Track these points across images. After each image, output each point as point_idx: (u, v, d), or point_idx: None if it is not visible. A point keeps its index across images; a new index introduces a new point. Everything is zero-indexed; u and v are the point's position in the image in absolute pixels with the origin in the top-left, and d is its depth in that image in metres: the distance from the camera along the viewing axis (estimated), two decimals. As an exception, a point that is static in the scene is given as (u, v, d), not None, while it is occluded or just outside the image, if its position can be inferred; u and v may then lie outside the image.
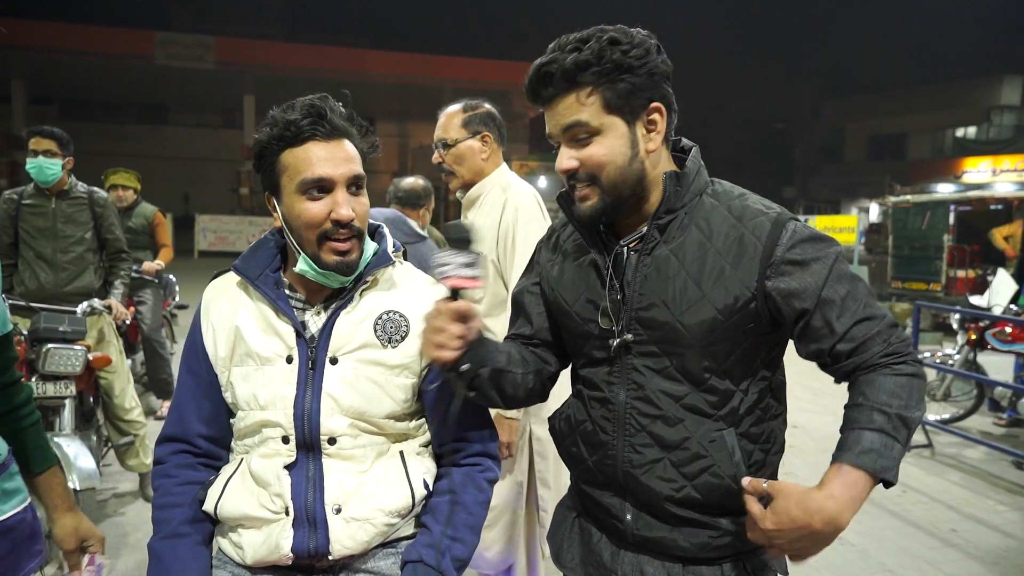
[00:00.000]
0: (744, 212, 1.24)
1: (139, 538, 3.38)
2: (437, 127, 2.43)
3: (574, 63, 1.16)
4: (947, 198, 10.63)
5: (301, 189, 1.29)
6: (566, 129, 1.21)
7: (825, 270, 1.19)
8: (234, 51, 22.86)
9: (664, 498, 1.25)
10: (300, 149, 1.29)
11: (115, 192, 5.04)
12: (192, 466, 1.42)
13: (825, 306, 1.18)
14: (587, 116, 1.18)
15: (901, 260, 10.70)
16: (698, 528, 1.27)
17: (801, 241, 1.20)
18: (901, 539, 3.65)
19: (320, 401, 1.32)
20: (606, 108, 1.18)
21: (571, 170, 1.23)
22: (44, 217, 3.58)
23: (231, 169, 24.61)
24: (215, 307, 1.41)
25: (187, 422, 1.41)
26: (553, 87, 1.20)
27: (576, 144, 1.21)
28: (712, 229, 1.23)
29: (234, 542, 1.36)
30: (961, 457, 4.96)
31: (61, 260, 3.59)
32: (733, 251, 1.21)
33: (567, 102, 1.19)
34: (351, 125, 1.35)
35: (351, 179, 1.31)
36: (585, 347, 1.34)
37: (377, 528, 1.34)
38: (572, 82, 1.18)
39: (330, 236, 1.29)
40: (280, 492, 1.31)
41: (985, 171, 25.63)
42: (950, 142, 30.35)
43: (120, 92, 26.78)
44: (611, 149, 1.20)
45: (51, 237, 3.59)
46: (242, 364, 1.36)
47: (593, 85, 1.17)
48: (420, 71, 24.15)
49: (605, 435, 1.30)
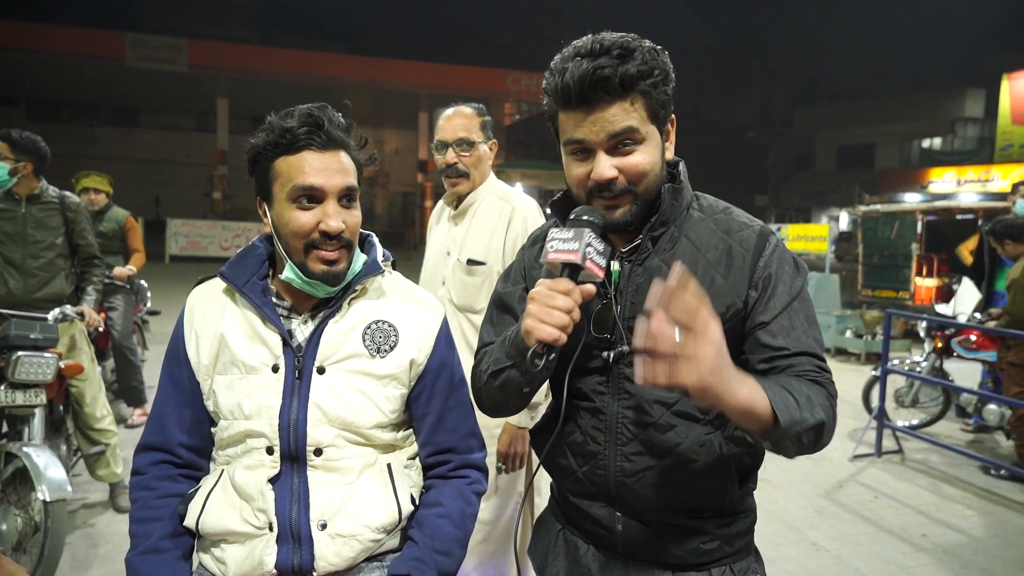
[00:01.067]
0: (731, 225, 1.28)
1: (109, 549, 3.31)
2: (451, 127, 2.30)
3: (637, 72, 1.14)
4: (915, 207, 10.86)
5: (292, 197, 1.28)
6: (613, 136, 1.17)
7: (789, 298, 1.22)
8: (208, 54, 22.60)
9: (656, 505, 1.26)
10: (294, 157, 1.28)
11: (86, 195, 4.93)
12: (173, 477, 1.39)
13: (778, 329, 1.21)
14: (636, 123, 1.17)
15: (871, 268, 10.90)
16: (689, 534, 1.28)
17: (779, 259, 1.24)
18: (873, 544, 3.71)
19: (307, 411, 1.30)
20: (650, 117, 1.18)
21: (612, 179, 1.19)
22: (13, 222, 3.49)
23: (203, 173, 24.30)
24: (199, 313, 1.39)
25: (168, 431, 1.38)
26: (607, 92, 1.15)
27: (618, 152, 1.19)
28: (701, 241, 1.26)
29: (216, 557, 1.33)
30: (930, 463, 5.06)
31: (31, 266, 3.50)
32: (723, 262, 1.24)
33: (617, 108, 1.16)
34: (348, 136, 1.33)
35: (343, 191, 1.30)
36: (575, 356, 1.32)
37: (363, 544, 1.32)
38: (629, 89, 1.15)
39: (317, 246, 1.28)
40: (264, 507, 1.29)
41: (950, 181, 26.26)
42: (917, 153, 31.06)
43: (90, 93, 26.32)
44: (652, 158, 1.20)
45: (20, 242, 3.50)
46: (226, 372, 1.34)
47: (644, 94, 1.16)
48: (396, 76, 24.10)
49: (596, 445, 1.30)
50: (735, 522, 1.32)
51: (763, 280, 1.23)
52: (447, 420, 1.43)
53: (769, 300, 1.23)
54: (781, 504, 4.19)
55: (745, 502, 1.35)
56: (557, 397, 1.43)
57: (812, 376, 1.18)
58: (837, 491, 4.48)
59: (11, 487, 2.90)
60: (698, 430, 1.25)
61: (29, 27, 20.71)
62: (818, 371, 1.20)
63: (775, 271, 1.24)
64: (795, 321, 1.22)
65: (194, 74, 22.57)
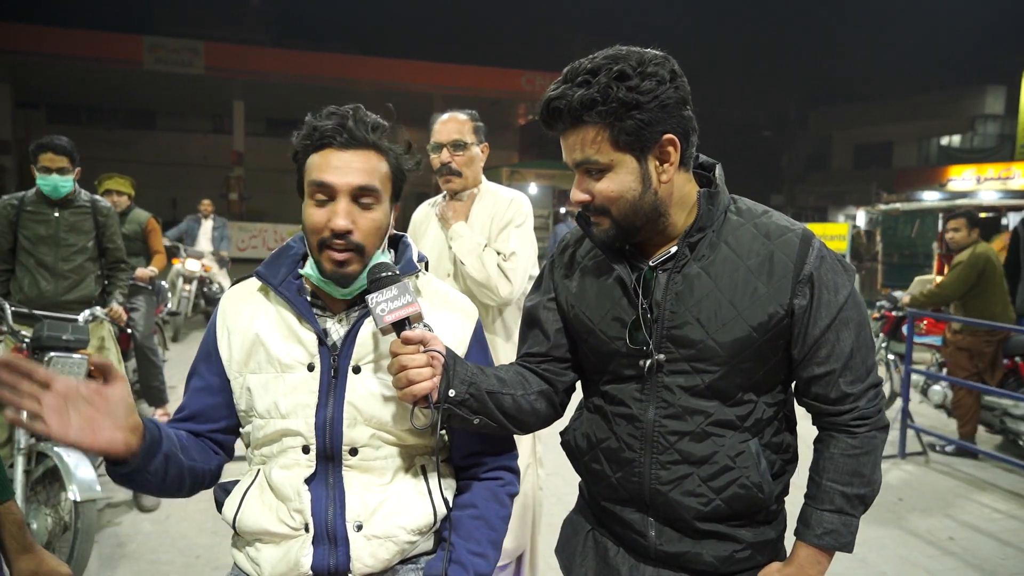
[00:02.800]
0: (771, 229, 1.25)
1: (134, 548, 3.34)
2: (446, 130, 2.49)
3: (579, 102, 1.14)
4: (936, 206, 10.74)
5: (309, 193, 1.29)
6: (576, 164, 1.22)
7: (837, 308, 1.23)
8: (223, 56, 22.74)
9: (692, 514, 1.25)
10: (318, 154, 1.29)
11: (109, 197, 5.00)
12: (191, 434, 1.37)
13: (825, 345, 1.24)
14: (595, 154, 1.18)
15: (891, 267, 10.79)
16: (723, 541, 1.27)
17: (824, 262, 1.24)
18: (899, 548, 3.67)
19: (343, 410, 1.30)
20: (614, 145, 1.17)
21: (583, 202, 1.24)
22: (47, 225, 3.56)
23: (220, 175, 24.43)
24: (233, 312, 1.39)
25: (196, 419, 1.39)
26: (562, 122, 1.19)
27: (588, 177, 1.22)
28: (742, 247, 1.24)
29: (251, 557, 1.34)
30: (954, 464, 4.99)
31: (63, 268, 3.57)
32: (765, 269, 1.22)
33: (578, 136, 1.19)
34: (380, 137, 1.32)
35: (354, 189, 1.27)
36: (611, 365, 1.33)
37: (398, 546, 1.32)
38: (579, 120, 1.17)
39: (328, 245, 1.28)
40: (300, 508, 1.29)
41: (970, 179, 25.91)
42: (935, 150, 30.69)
43: (108, 97, 26.55)
44: (621, 185, 1.19)
45: (53, 245, 3.57)
46: (260, 371, 1.34)
47: (600, 122, 1.15)
48: (408, 77, 24.13)
49: (632, 452, 1.29)
50: (768, 530, 1.32)
51: (808, 288, 1.22)
52: None
53: (815, 312, 1.23)
54: (804, 506, 4.15)
55: (778, 510, 1.35)
56: (587, 400, 1.42)
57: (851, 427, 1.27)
58: (861, 493, 4.42)
59: (40, 486, 2.93)
60: (735, 437, 1.25)
61: (48, 31, 20.94)
62: (859, 410, 1.26)
63: (819, 278, 1.22)
64: (841, 335, 1.24)
65: (210, 76, 22.72)
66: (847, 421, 1.26)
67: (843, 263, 1.26)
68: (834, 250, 1.28)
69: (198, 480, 1.33)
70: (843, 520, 1.25)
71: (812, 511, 1.27)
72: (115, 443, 1.10)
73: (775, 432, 1.30)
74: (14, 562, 1.34)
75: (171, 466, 1.24)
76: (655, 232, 1.26)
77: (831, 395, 1.26)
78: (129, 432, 1.12)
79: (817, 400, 1.28)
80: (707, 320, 1.22)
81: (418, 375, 1.20)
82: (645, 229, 1.25)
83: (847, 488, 1.24)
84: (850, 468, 1.25)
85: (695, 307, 1.22)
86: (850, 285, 1.25)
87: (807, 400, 1.30)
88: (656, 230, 1.26)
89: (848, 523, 1.25)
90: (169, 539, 3.44)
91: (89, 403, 1.08)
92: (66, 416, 1.05)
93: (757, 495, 1.25)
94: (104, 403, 1.09)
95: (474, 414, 1.28)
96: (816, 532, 1.25)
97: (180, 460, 1.26)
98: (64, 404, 1.05)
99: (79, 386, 1.08)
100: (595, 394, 1.39)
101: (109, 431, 1.09)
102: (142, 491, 1.27)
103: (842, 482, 1.24)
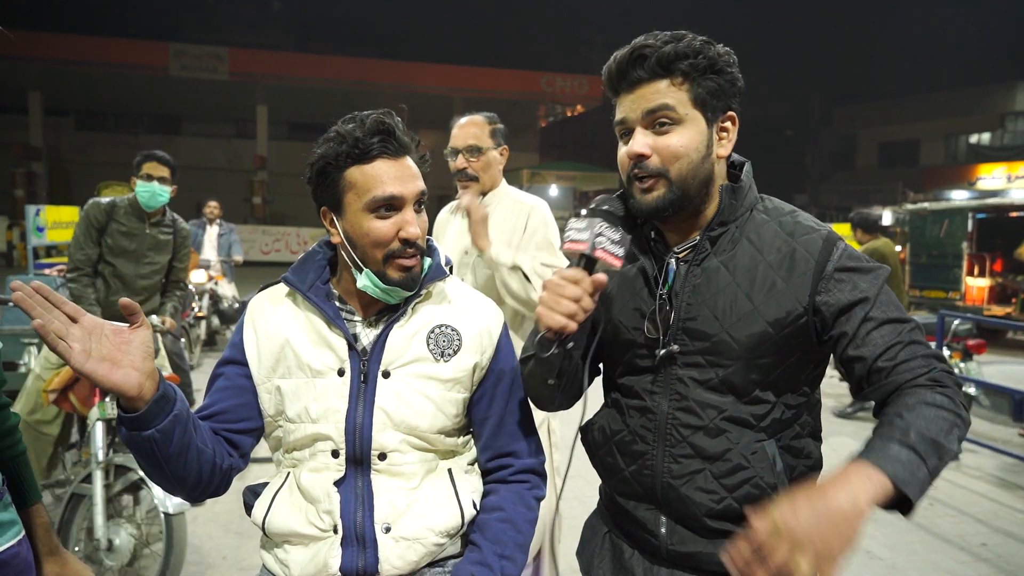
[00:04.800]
0: (796, 228, 1.24)
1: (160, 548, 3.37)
2: (463, 134, 2.49)
3: (673, 51, 1.17)
4: (965, 205, 10.54)
5: (370, 207, 1.28)
6: (648, 112, 1.19)
7: (875, 288, 1.18)
8: (247, 61, 23.04)
9: (703, 511, 1.24)
10: (368, 166, 1.28)
11: None
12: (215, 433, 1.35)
13: (870, 321, 1.16)
14: (675, 102, 1.18)
15: (919, 268, 10.61)
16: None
17: (851, 258, 1.20)
18: (930, 553, 3.59)
19: (372, 415, 1.31)
20: (693, 101, 1.19)
21: (642, 156, 1.20)
22: (134, 240, 3.58)
23: (243, 179, 24.74)
24: (260, 317, 1.40)
25: (216, 416, 1.37)
26: (645, 70, 1.18)
27: (654, 131, 1.20)
28: (764, 243, 1.23)
29: (279, 559, 1.35)
30: (986, 468, 4.89)
31: (139, 284, 3.60)
32: (785, 265, 1.20)
33: (656, 87, 1.19)
34: (412, 141, 1.34)
35: (418, 196, 1.31)
36: (627, 355, 1.33)
37: (426, 548, 1.32)
38: (667, 69, 1.18)
39: (397, 255, 1.29)
40: (330, 509, 1.30)
41: (999, 178, 25.42)
42: (964, 149, 30.15)
43: (135, 103, 27.01)
44: (690, 141, 1.19)
45: (134, 261, 3.59)
46: (291, 376, 1.35)
47: (685, 76, 1.18)
48: (428, 80, 24.26)
49: (644, 444, 1.29)
50: None
51: (836, 282, 1.19)
52: (507, 424, 1.43)
53: (854, 300, 1.17)
54: (831, 510, 4.08)
55: None
56: (606, 394, 1.42)
57: (924, 377, 1.11)
58: (890, 498, 4.34)
59: (117, 500, 2.87)
60: (750, 436, 1.22)
61: (77, 40, 21.39)
62: (928, 369, 1.11)
63: (848, 273, 1.19)
64: (887, 312, 1.16)
65: (234, 81, 23.03)
66: (919, 379, 1.11)
67: (869, 264, 1.22)
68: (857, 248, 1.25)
69: (205, 469, 1.26)
70: (911, 457, 1.01)
71: (876, 440, 1.06)
72: (130, 381, 1.11)
73: (795, 436, 1.26)
74: (42, 564, 1.35)
75: (181, 434, 1.19)
76: (690, 217, 1.25)
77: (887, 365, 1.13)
78: (145, 376, 1.13)
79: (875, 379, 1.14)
80: (723, 314, 1.21)
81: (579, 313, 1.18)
82: (693, 203, 1.23)
83: (923, 430, 1.04)
84: (927, 416, 1.05)
85: (711, 300, 1.22)
86: (877, 285, 1.20)
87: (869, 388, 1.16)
88: (695, 213, 1.25)
89: (916, 465, 1.01)
90: (196, 540, 3.47)
91: (111, 341, 1.11)
92: (88, 348, 1.09)
93: (771, 498, 1.20)
94: (126, 343, 1.12)
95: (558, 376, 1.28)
96: (878, 454, 1.02)
97: (191, 435, 1.22)
98: (88, 337, 1.09)
99: (104, 324, 1.12)
100: (613, 388, 1.40)
101: (126, 368, 1.11)
102: (149, 458, 1.20)
103: (915, 425, 1.04)
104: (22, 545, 1.28)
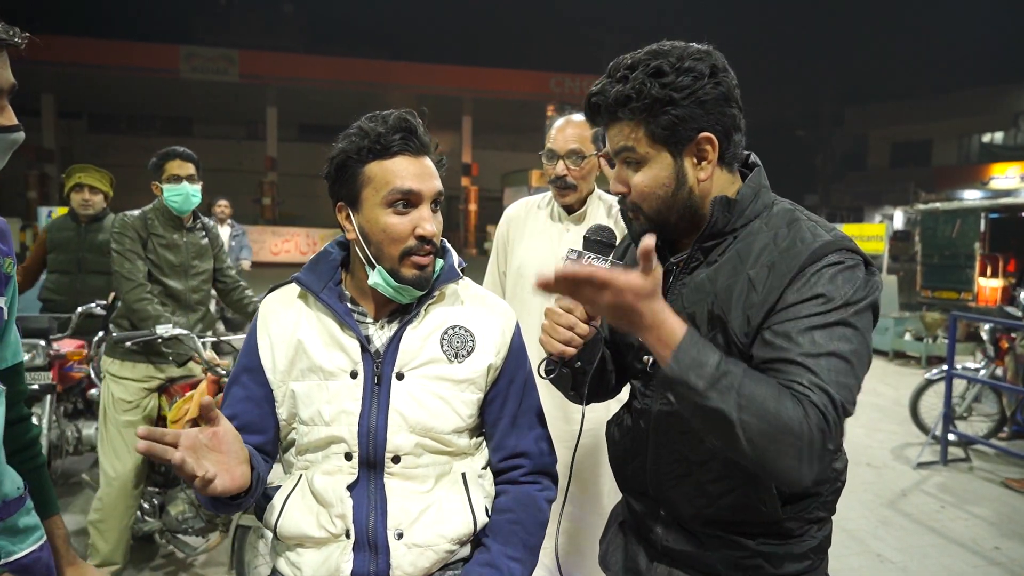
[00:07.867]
0: (791, 241, 1.16)
1: (171, 549, 3.38)
2: (563, 137, 2.28)
3: (614, 98, 1.17)
4: (978, 205, 10.45)
5: (388, 201, 1.27)
6: (616, 153, 1.23)
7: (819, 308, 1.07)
8: (257, 64, 23.18)
9: (691, 515, 1.26)
10: (389, 162, 1.28)
11: (79, 195, 4.05)
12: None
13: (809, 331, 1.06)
14: (633, 143, 1.19)
15: (931, 268, 10.53)
16: (727, 546, 1.25)
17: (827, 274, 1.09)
18: (943, 557, 3.56)
19: (387, 417, 1.30)
20: (650, 139, 1.18)
21: (620, 194, 1.25)
22: (175, 251, 3.06)
23: (254, 180, 24.88)
24: (274, 320, 1.39)
25: (247, 430, 1.36)
26: (601, 117, 1.22)
27: (627, 168, 1.23)
28: (751, 255, 1.18)
29: (292, 562, 1.34)
30: (999, 472, 4.84)
31: (192, 300, 3.11)
32: (762, 277, 1.14)
33: (617, 128, 1.21)
34: (431, 142, 1.34)
35: (436, 195, 1.31)
36: (628, 357, 1.38)
37: (438, 555, 1.32)
38: (614, 116, 1.19)
39: (413, 252, 1.28)
40: (342, 513, 1.29)
41: (1013, 177, 25.20)
42: (976, 148, 29.90)
43: (146, 105, 27.26)
44: (654, 180, 1.19)
45: (183, 275, 3.08)
46: (304, 379, 1.34)
47: (636, 116, 1.17)
48: (438, 81, 24.31)
49: (640, 445, 1.33)
50: (785, 545, 1.24)
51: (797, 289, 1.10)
52: (520, 425, 1.43)
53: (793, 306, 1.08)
54: (842, 513, 4.05)
55: (798, 526, 1.24)
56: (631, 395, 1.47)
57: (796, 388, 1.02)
58: (901, 500, 4.31)
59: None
60: None
61: (89, 43, 21.60)
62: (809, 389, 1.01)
63: (812, 283, 1.09)
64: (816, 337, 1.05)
65: (244, 84, 23.17)
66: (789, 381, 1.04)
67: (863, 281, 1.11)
68: (870, 251, 1.22)
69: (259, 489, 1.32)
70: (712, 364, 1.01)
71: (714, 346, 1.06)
72: (246, 477, 1.15)
73: None
74: (63, 574, 1.37)
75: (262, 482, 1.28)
76: (692, 231, 1.25)
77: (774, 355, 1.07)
78: (247, 464, 1.16)
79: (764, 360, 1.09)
80: (700, 323, 1.21)
81: (576, 339, 1.21)
82: (681, 225, 1.23)
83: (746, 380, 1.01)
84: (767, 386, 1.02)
85: (691, 310, 1.22)
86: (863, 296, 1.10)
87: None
88: (692, 229, 1.25)
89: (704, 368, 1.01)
90: (204, 540, 3.48)
91: (212, 449, 1.11)
92: (202, 467, 1.07)
93: (760, 508, 1.21)
94: (224, 444, 1.13)
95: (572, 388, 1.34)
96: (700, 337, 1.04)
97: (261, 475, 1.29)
98: (196, 456, 1.08)
99: (197, 435, 1.10)
100: (627, 388, 1.45)
101: (238, 468, 1.14)
102: (231, 512, 1.27)
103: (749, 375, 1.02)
104: (44, 551, 1.30)
